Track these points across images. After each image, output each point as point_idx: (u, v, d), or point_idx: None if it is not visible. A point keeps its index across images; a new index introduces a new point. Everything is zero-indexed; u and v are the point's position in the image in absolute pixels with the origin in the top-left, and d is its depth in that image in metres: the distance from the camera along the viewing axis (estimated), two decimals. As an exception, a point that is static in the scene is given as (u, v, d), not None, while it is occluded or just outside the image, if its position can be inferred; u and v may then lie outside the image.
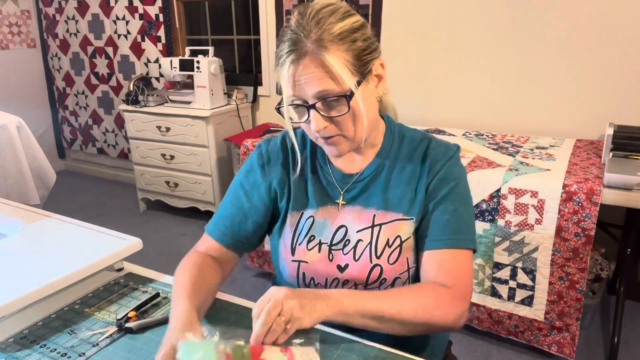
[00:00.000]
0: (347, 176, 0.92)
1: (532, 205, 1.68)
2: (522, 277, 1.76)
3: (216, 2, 3.35)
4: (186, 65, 2.95)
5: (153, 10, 3.39)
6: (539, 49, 2.27)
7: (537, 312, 1.77)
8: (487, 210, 1.77)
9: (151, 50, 3.50)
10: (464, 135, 2.33)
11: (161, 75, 3.48)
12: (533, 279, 1.74)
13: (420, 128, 1.36)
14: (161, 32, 3.40)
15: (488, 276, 1.83)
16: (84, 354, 0.79)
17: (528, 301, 1.78)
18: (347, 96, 0.77)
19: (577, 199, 1.60)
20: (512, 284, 1.79)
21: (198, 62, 2.88)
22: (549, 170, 1.76)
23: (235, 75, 3.37)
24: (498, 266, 1.80)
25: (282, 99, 0.81)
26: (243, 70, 3.43)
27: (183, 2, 3.41)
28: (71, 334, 0.84)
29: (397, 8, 2.59)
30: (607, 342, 1.93)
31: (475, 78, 2.47)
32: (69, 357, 0.78)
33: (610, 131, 1.81)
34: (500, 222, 1.76)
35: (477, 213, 1.79)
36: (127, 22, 3.53)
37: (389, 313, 0.77)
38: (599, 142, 2.13)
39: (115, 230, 1.10)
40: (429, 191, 0.87)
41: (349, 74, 0.76)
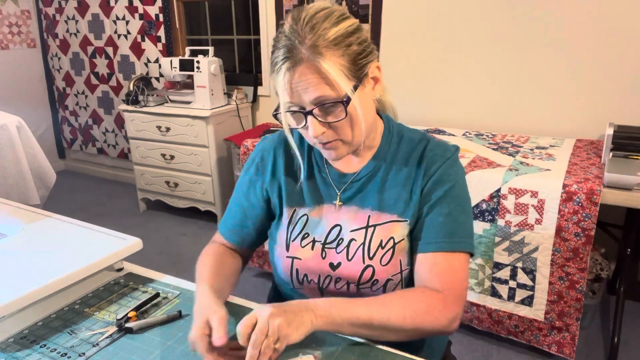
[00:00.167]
0: (344, 176, 0.92)
1: (532, 205, 1.68)
2: (522, 277, 1.76)
3: (216, 2, 3.35)
4: (186, 65, 2.95)
5: (153, 10, 3.39)
6: (539, 49, 2.27)
7: (537, 312, 1.77)
8: (487, 210, 1.77)
9: (151, 50, 3.50)
10: (464, 135, 2.33)
11: (161, 75, 3.48)
12: (533, 279, 1.74)
13: (420, 128, 1.36)
14: (161, 32, 3.40)
15: (488, 276, 1.83)
16: (84, 354, 0.79)
17: (528, 301, 1.78)
18: (344, 102, 0.76)
19: (577, 199, 1.60)
20: (512, 284, 1.79)
21: (198, 62, 2.88)
22: (549, 170, 1.76)
23: (235, 75, 3.37)
24: (498, 266, 1.80)
25: (279, 106, 0.81)
26: (243, 70, 3.43)
27: (183, 2, 3.41)
28: (71, 334, 0.84)
29: (397, 8, 2.59)
30: (607, 342, 1.93)
31: (475, 78, 2.47)
32: (69, 357, 0.78)
33: (610, 131, 1.81)
34: (500, 222, 1.76)
35: (477, 213, 1.79)
36: (127, 22, 3.53)
37: (378, 320, 0.77)
38: (599, 142, 2.13)
39: (115, 230, 1.10)
40: (424, 193, 0.87)
41: (345, 79, 0.76)
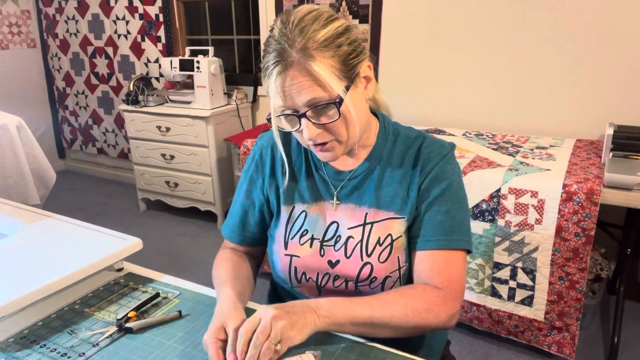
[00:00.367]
0: (340, 174, 0.92)
1: (532, 205, 1.68)
2: (522, 277, 1.76)
3: (216, 2, 3.35)
4: (186, 65, 2.95)
5: (153, 10, 3.39)
6: (539, 48, 2.27)
7: (537, 312, 1.77)
8: (487, 210, 1.77)
9: (151, 50, 3.50)
10: (464, 135, 2.33)
11: (161, 75, 3.48)
12: (533, 279, 1.74)
13: (420, 128, 1.36)
14: (161, 32, 3.40)
15: (488, 276, 1.83)
16: (84, 354, 0.79)
17: (528, 301, 1.78)
18: (336, 102, 0.77)
19: (577, 199, 1.60)
20: (512, 284, 1.79)
21: (198, 62, 2.88)
22: (549, 170, 1.76)
23: (235, 75, 3.37)
24: (498, 266, 1.80)
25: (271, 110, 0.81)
26: (243, 70, 3.43)
27: (183, 2, 3.41)
28: (71, 334, 0.84)
29: (397, 8, 2.59)
30: (607, 342, 1.93)
31: (475, 78, 2.47)
32: (69, 357, 0.78)
33: (610, 131, 1.81)
34: (500, 222, 1.76)
35: (477, 213, 1.79)
36: (127, 22, 3.53)
37: (380, 319, 0.78)
38: (599, 142, 2.13)
39: (115, 230, 1.10)
40: (421, 191, 0.87)
41: (337, 80, 0.76)
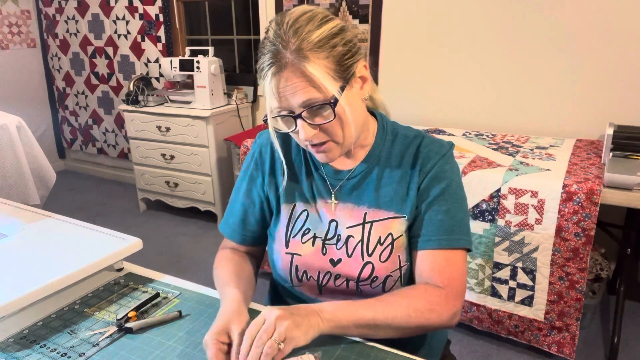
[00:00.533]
0: (339, 173, 0.92)
1: (532, 205, 1.68)
2: (522, 277, 1.76)
3: (216, 2, 3.35)
4: (186, 65, 2.95)
5: (153, 10, 3.39)
6: (539, 48, 2.27)
7: (537, 312, 1.77)
8: (487, 210, 1.77)
9: (151, 50, 3.50)
10: (464, 135, 2.33)
11: (161, 75, 3.48)
12: (533, 279, 1.74)
13: (420, 128, 1.36)
14: (161, 32, 3.40)
15: (488, 276, 1.83)
16: (84, 354, 0.79)
17: (528, 301, 1.78)
18: (331, 103, 0.77)
19: (577, 199, 1.60)
20: (512, 284, 1.79)
21: (198, 62, 2.88)
22: (549, 170, 1.76)
23: (235, 75, 3.37)
24: (498, 266, 1.80)
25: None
26: (243, 70, 3.43)
27: (183, 2, 3.41)
28: (71, 334, 0.84)
29: (397, 8, 2.59)
30: (607, 342, 1.93)
31: (475, 78, 2.47)
32: (69, 357, 0.78)
33: (610, 131, 1.81)
34: (500, 222, 1.76)
35: (477, 213, 1.79)
36: (127, 22, 3.53)
37: (383, 320, 0.78)
38: (599, 142, 2.13)
39: (115, 230, 1.10)
40: (420, 190, 0.88)
41: (331, 80, 0.76)
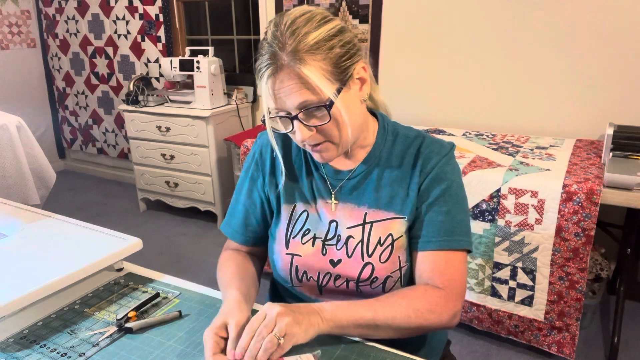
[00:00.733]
0: (339, 173, 0.92)
1: (532, 205, 1.68)
2: (522, 277, 1.76)
3: (216, 2, 3.35)
4: (186, 65, 2.95)
5: (153, 10, 3.39)
6: (539, 48, 2.27)
7: (537, 312, 1.77)
8: (487, 210, 1.77)
9: (151, 50, 3.50)
10: (464, 135, 2.33)
11: (161, 75, 3.48)
12: (533, 279, 1.74)
13: (420, 128, 1.36)
14: (161, 32, 3.40)
15: (488, 276, 1.83)
16: (84, 354, 0.79)
17: (528, 301, 1.78)
18: (326, 106, 0.77)
19: (577, 199, 1.60)
20: (512, 284, 1.79)
21: (198, 62, 2.88)
22: (549, 170, 1.76)
23: (235, 75, 3.37)
24: (498, 266, 1.80)
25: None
26: (243, 70, 3.43)
27: (183, 2, 3.41)
28: (71, 334, 0.84)
29: (397, 8, 2.59)
30: (607, 342, 1.93)
31: (475, 78, 2.47)
32: (69, 357, 0.78)
33: (610, 131, 1.81)
34: (500, 222, 1.76)
35: (477, 213, 1.79)
36: (127, 22, 3.53)
37: (383, 321, 0.78)
38: (599, 142, 2.13)
39: (115, 230, 1.10)
40: (421, 191, 0.87)
41: (327, 83, 0.76)
